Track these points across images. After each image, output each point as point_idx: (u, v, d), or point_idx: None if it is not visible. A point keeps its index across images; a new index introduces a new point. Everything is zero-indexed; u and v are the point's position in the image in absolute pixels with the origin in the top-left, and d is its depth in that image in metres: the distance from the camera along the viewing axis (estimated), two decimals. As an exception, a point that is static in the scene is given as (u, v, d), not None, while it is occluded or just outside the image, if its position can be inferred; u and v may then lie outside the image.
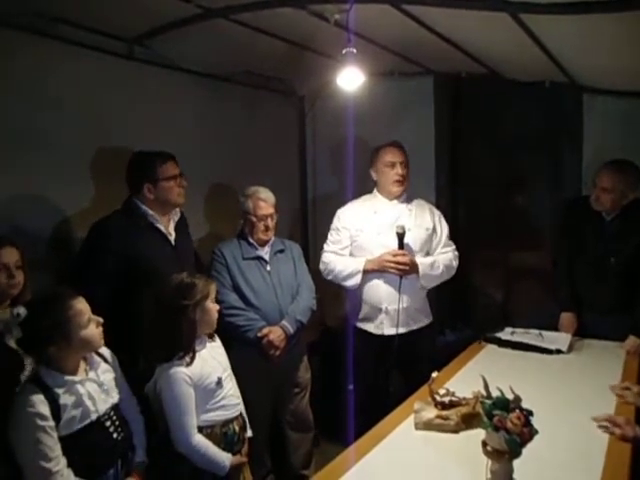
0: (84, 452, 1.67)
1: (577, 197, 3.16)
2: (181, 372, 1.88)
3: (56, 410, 1.61)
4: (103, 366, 1.83)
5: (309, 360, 2.88)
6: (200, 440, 1.90)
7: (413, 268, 2.67)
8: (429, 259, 2.77)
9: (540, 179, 3.62)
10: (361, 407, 2.73)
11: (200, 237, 3.02)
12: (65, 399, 1.65)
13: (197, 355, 1.95)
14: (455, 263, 2.84)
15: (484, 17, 2.08)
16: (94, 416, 1.72)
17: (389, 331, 2.73)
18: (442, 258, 2.79)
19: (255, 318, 2.58)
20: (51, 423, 1.60)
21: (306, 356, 2.85)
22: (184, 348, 1.92)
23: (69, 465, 1.63)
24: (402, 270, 2.64)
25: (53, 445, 1.60)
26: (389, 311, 2.73)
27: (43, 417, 1.59)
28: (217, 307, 2.05)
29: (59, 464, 1.60)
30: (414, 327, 2.78)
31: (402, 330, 2.72)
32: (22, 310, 1.72)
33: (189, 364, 1.91)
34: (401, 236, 2.64)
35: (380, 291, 2.75)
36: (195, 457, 1.89)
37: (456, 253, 2.87)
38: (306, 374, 2.83)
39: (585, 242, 2.86)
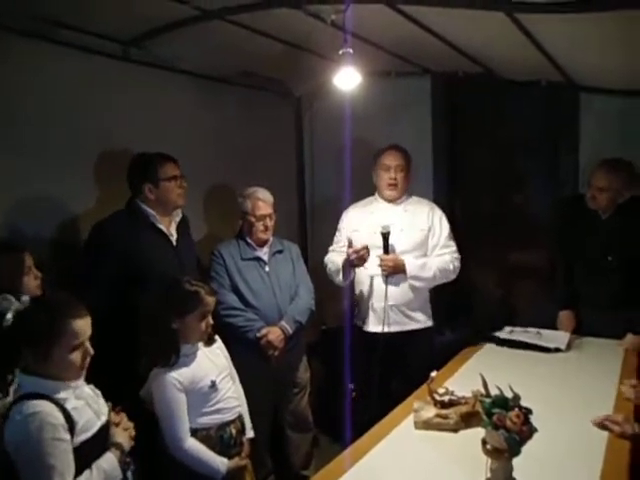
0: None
1: (573, 196, 3.17)
2: (171, 377, 1.86)
3: (68, 418, 1.45)
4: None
5: (309, 360, 2.89)
6: (193, 445, 1.86)
7: (397, 268, 2.68)
8: (420, 260, 2.74)
9: (538, 178, 3.63)
10: (360, 406, 2.73)
11: (199, 239, 3.01)
12: (72, 403, 1.48)
13: (190, 358, 1.92)
14: (453, 266, 2.78)
15: (480, 16, 2.08)
16: (103, 419, 1.58)
17: (375, 328, 2.74)
18: (437, 261, 2.76)
19: (254, 319, 2.58)
20: (67, 436, 1.44)
21: (305, 356, 2.86)
22: (165, 356, 1.87)
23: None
24: (385, 269, 2.66)
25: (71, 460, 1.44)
26: (376, 309, 2.74)
27: (63, 427, 1.42)
28: (206, 323, 1.95)
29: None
30: (407, 327, 2.75)
31: (392, 329, 2.71)
32: (26, 298, 1.71)
33: (174, 363, 1.86)
34: (385, 236, 2.65)
35: (368, 288, 2.78)
36: (188, 462, 1.86)
37: (456, 255, 2.81)
38: (305, 374, 2.83)
39: (582, 241, 2.86)
